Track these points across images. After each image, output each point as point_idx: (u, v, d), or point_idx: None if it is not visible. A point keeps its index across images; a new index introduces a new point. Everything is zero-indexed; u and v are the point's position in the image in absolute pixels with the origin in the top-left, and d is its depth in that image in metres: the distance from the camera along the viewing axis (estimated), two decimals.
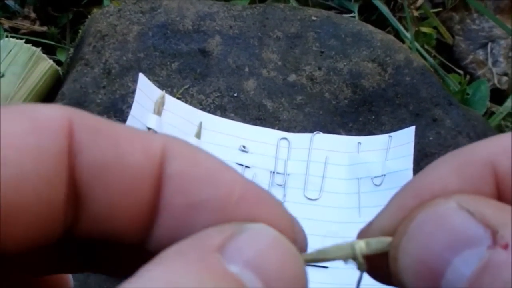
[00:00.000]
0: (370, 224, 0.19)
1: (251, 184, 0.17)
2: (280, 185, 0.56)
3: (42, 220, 0.16)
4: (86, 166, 0.16)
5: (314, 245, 0.18)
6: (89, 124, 0.16)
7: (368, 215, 0.40)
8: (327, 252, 0.18)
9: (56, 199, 0.16)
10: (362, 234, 0.19)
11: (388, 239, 0.17)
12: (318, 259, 0.18)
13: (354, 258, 0.17)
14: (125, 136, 0.17)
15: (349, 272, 0.49)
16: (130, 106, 0.55)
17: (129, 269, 0.15)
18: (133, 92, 0.56)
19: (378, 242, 0.17)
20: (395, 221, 0.17)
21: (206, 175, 0.17)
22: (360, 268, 0.17)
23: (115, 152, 0.16)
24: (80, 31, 0.67)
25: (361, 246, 0.17)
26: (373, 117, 0.61)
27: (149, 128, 0.55)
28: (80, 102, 0.58)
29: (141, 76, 0.57)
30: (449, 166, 0.17)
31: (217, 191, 0.17)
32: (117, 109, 0.58)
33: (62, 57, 0.71)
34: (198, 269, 0.15)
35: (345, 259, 0.17)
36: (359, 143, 0.58)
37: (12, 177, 0.15)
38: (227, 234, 0.16)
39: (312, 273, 0.51)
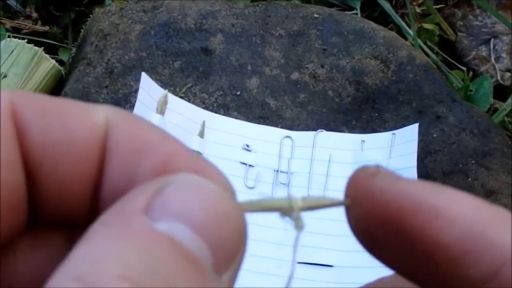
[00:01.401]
0: None
1: (186, 151, 0.17)
2: (284, 183, 0.56)
3: (12, 207, 0.16)
4: (34, 146, 0.16)
5: (316, 244, 0.18)
6: (34, 104, 0.16)
7: None
8: (264, 202, 0.17)
9: (19, 183, 0.16)
10: None
11: (326, 197, 0.18)
12: (254, 207, 0.17)
13: (290, 213, 0.17)
14: (71, 112, 0.17)
15: (354, 271, 0.49)
16: (133, 106, 0.55)
17: None
18: (136, 91, 0.56)
19: (315, 199, 0.18)
20: None
21: (143, 146, 0.17)
22: (297, 225, 0.17)
23: (62, 129, 0.16)
24: (82, 30, 0.66)
25: (298, 200, 0.17)
26: (376, 114, 0.61)
27: None
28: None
29: (144, 75, 0.57)
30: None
31: (153, 160, 0.16)
32: (120, 108, 0.58)
33: (64, 56, 0.71)
34: (122, 238, 0.14)
35: (281, 210, 0.17)
36: (363, 141, 0.58)
37: None
38: (151, 191, 0.15)
39: (317, 271, 0.51)
